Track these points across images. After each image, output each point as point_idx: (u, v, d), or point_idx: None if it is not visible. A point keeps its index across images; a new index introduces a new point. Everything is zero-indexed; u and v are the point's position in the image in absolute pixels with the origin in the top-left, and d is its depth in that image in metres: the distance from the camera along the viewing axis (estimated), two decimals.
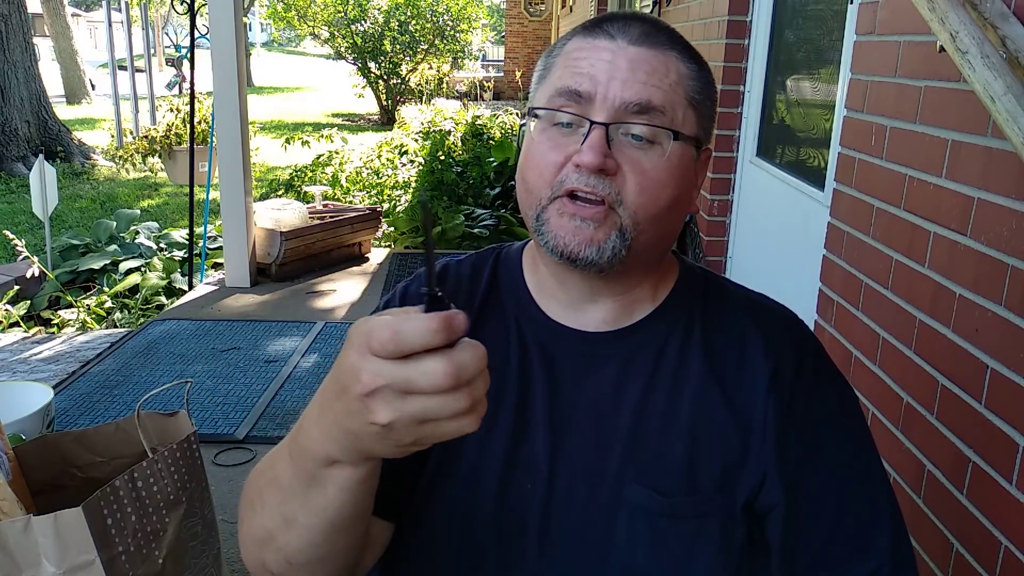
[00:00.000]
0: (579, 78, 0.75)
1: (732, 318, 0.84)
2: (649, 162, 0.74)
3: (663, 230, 0.78)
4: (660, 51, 0.76)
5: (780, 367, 0.80)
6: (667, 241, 0.81)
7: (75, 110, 14.22)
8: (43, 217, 4.67)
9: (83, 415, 2.76)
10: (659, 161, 0.74)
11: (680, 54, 0.78)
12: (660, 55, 0.76)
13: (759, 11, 3.12)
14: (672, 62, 0.76)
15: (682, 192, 0.78)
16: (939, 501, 1.51)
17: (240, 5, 4.07)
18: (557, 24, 11.46)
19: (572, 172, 0.74)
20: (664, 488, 0.76)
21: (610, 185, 0.73)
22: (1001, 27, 1.24)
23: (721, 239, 3.43)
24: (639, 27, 0.76)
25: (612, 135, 0.73)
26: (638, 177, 0.74)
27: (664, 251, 0.83)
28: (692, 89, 0.77)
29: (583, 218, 0.74)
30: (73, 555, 1.33)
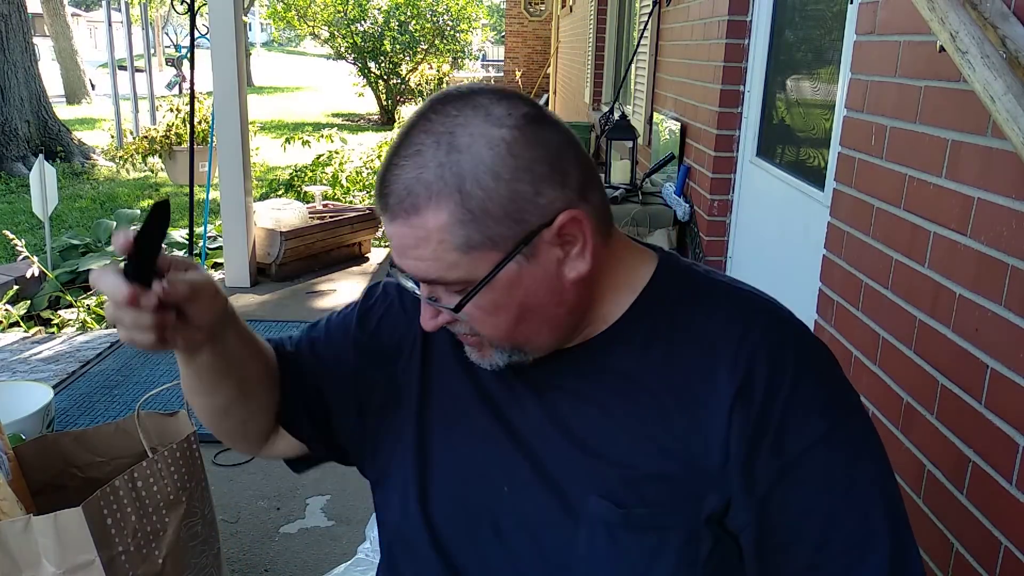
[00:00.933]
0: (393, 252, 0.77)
1: (704, 325, 0.78)
2: (470, 306, 0.74)
3: (537, 329, 0.76)
4: (411, 220, 0.70)
5: (749, 379, 0.74)
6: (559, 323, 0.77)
7: (75, 110, 14.22)
8: (43, 217, 4.67)
9: (83, 415, 2.76)
10: (476, 303, 0.73)
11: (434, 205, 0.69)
12: (411, 225, 0.70)
13: (759, 11, 3.12)
14: (427, 225, 0.69)
15: (525, 302, 0.73)
16: (939, 501, 1.51)
17: (240, 5, 4.07)
18: (557, 24, 11.45)
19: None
20: (622, 500, 0.75)
21: (462, 327, 0.77)
22: (1001, 27, 1.24)
23: (721, 239, 3.43)
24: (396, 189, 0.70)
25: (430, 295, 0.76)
26: (471, 322, 0.75)
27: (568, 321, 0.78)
28: (461, 234, 0.69)
29: (468, 345, 0.81)
30: (73, 555, 1.33)
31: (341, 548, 2.07)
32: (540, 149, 0.71)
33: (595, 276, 0.77)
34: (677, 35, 4.02)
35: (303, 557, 2.05)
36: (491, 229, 0.70)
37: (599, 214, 0.76)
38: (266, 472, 2.43)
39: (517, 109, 0.71)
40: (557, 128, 0.74)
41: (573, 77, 9.46)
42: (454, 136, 0.69)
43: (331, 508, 2.25)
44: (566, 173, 0.72)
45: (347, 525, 2.17)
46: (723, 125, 3.28)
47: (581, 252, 0.74)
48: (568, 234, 0.73)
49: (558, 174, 0.71)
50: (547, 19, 13.36)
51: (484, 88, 0.73)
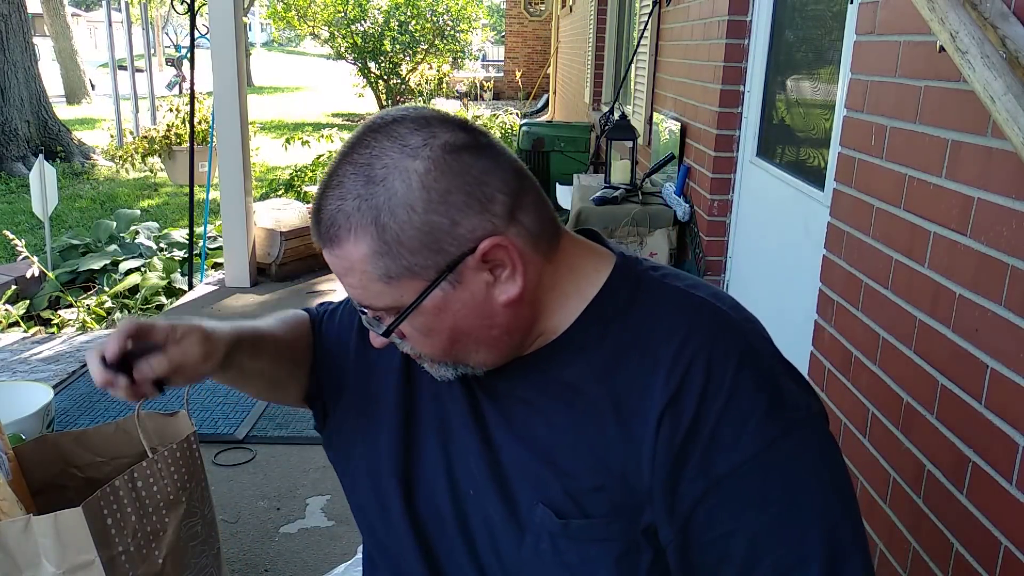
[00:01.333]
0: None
1: (649, 332, 0.76)
2: (408, 328, 0.77)
3: (475, 348, 0.78)
4: (335, 250, 0.73)
5: (682, 390, 0.72)
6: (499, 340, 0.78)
7: (75, 110, 14.22)
8: (43, 217, 4.67)
9: (83, 415, 2.76)
10: (412, 325, 0.76)
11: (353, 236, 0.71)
12: (336, 255, 0.73)
13: (759, 11, 3.12)
14: (349, 256, 0.72)
15: (455, 325, 0.75)
16: (939, 501, 1.51)
17: (240, 5, 4.07)
18: (557, 24, 11.45)
19: None
20: (562, 511, 0.76)
21: (407, 346, 0.80)
22: (1001, 27, 1.24)
23: (721, 239, 3.43)
24: (323, 218, 0.73)
25: (372, 318, 0.78)
26: (410, 342, 0.79)
27: (511, 338, 0.78)
28: (381, 266, 0.71)
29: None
30: (73, 555, 1.33)
31: (341, 548, 2.07)
32: (457, 178, 0.70)
33: (536, 293, 0.77)
34: (677, 35, 4.02)
35: (303, 557, 2.05)
36: (408, 260, 0.71)
37: (535, 234, 0.76)
38: (266, 472, 2.43)
39: (436, 138, 0.71)
40: (483, 153, 0.73)
41: (573, 77, 9.46)
42: (371, 168, 0.70)
43: (331, 508, 2.25)
44: (490, 199, 0.72)
45: (347, 525, 2.17)
46: (723, 125, 3.28)
47: (511, 275, 0.74)
48: (494, 259, 0.73)
49: (478, 202, 0.71)
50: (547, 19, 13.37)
51: (407, 116, 0.73)
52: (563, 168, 5.95)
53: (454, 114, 0.78)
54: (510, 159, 0.76)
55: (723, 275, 3.46)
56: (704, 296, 0.79)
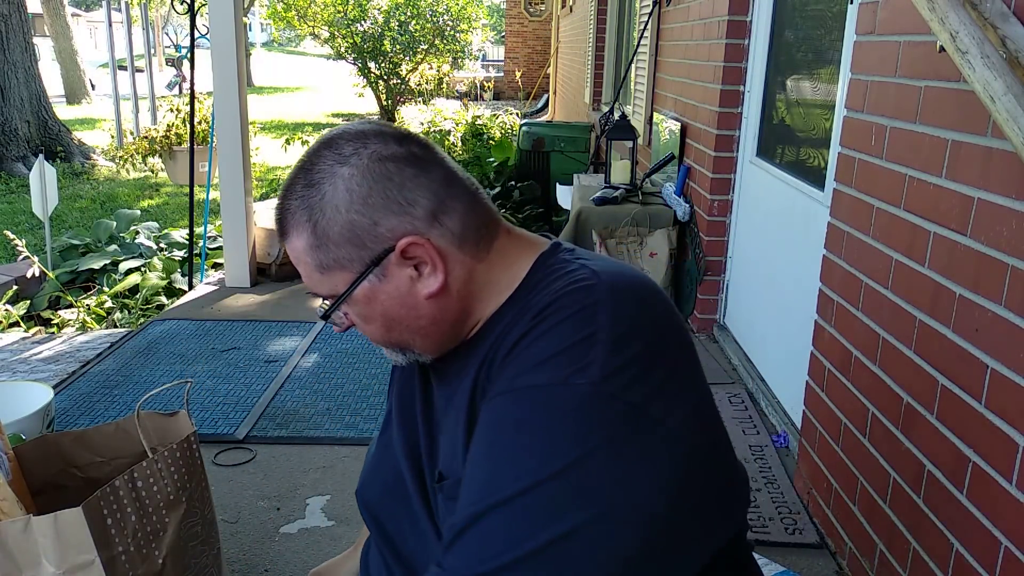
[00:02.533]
0: None
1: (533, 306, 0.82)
2: (352, 315, 0.88)
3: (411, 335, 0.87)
4: (286, 242, 0.86)
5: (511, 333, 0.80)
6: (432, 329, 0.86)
7: (75, 110, 14.22)
8: (43, 217, 4.67)
9: (83, 415, 2.76)
10: (353, 314, 0.88)
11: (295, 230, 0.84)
12: (288, 247, 0.86)
13: (759, 11, 3.12)
14: (294, 247, 0.85)
15: (387, 313, 0.85)
16: (939, 501, 1.51)
17: (240, 5, 4.07)
18: (557, 24, 11.45)
19: None
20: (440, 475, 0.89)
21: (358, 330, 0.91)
22: (1001, 27, 1.24)
23: (721, 239, 3.43)
24: (276, 220, 0.87)
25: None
26: (357, 327, 0.90)
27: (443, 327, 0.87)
28: (316, 257, 0.84)
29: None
30: (73, 555, 1.33)
31: (341, 548, 2.07)
32: (378, 183, 0.81)
33: (467, 288, 0.85)
34: (677, 35, 4.02)
35: (303, 557, 2.05)
36: (336, 253, 0.83)
37: (459, 235, 0.84)
38: (266, 472, 2.43)
39: (366, 148, 0.82)
40: (411, 163, 0.83)
41: (573, 77, 9.46)
42: (311, 173, 0.83)
43: (331, 508, 2.25)
44: (411, 203, 0.82)
45: (347, 525, 2.17)
46: (723, 125, 3.28)
47: (432, 271, 0.83)
48: (415, 256, 0.82)
49: (397, 204, 0.82)
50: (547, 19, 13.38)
51: (348, 130, 0.85)
52: (563, 168, 5.95)
53: (402, 128, 0.88)
54: (445, 170, 0.85)
55: (723, 275, 3.47)
56: (596, 269, 0.82)
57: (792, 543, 2.04)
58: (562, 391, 0.72)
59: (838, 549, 1.98)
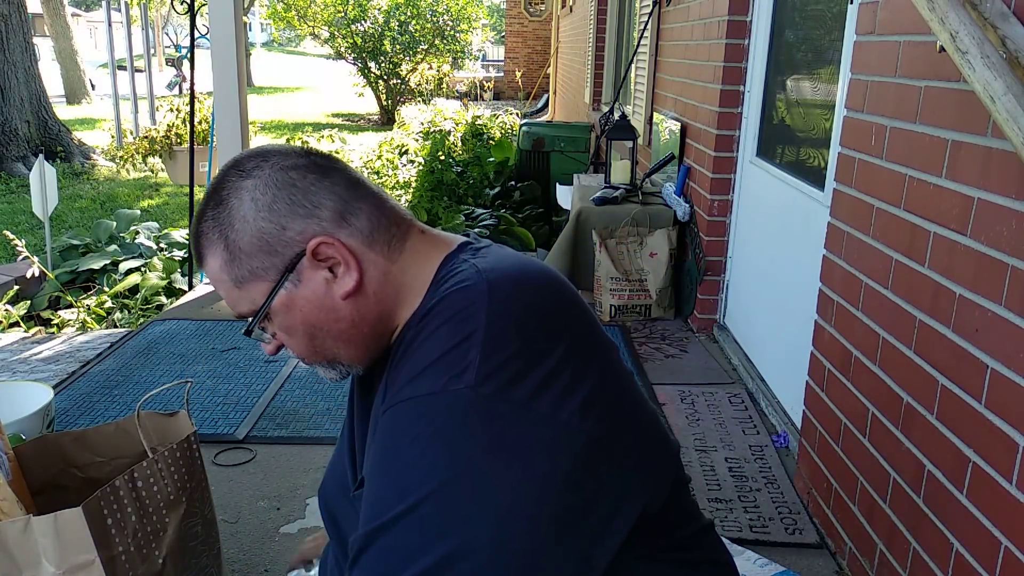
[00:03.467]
0: None
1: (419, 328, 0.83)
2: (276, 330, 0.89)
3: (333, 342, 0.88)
4: (203, 267, 0.88)
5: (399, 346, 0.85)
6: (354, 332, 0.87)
7: (75, 110, 14.22)
8: (43, 217, 4.67)
9: (83, 415, 2.76)
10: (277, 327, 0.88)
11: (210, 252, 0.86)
12: (206, 273, 0.88)
13: (759, 11, 3.12)
14: (210, 270, 0.87)
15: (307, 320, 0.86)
16: (939, 501, 1.51)
17: (240, 5, 4.07)
18: (557, 24, 11.45)
19: None
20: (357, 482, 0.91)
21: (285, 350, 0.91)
22: (1001, 27, 1.24)
23: (721, 239, 3.43)
24: (193, 247, 0.89)
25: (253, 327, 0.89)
26: (284, 344, 0.90)
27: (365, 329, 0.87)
28: (231, 273, 0.85)
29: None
30: (73, 555, 1.33)
31: None
32: (282, 191, 0.83)
33: (382, 288, 0.85)
34: (677, 35, 4.02)
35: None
36: (250, 264, 0.84)
37: (368, 234, 0.85)
38: (266, 472, 2.43)
39: (267, 162, 0.85)
40: (314, 171, 0.85)
41: (573, 77, 9.46)
42: (218, 193, 0.85)
43: None
44: (316, 206, 0.84)
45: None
46: (723, 125, 3.28)
47: (347, 270, 0.84)
48: (327, 257, 0.83)
49: (303, 208, 0.83)
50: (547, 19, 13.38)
51: (253, 151, 0.88)
52: (563, 168, 5.95)
53: (303, 145, 0.93)
54: (347, 175, 0.87)
55: (723, 275, 3.47)
56: (479, 267, 0.82)
57: (792, 543, 2.04)
58: (441, 399, 0.72)
59: (838, 549, 1.98)
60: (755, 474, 2.36)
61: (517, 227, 5.43)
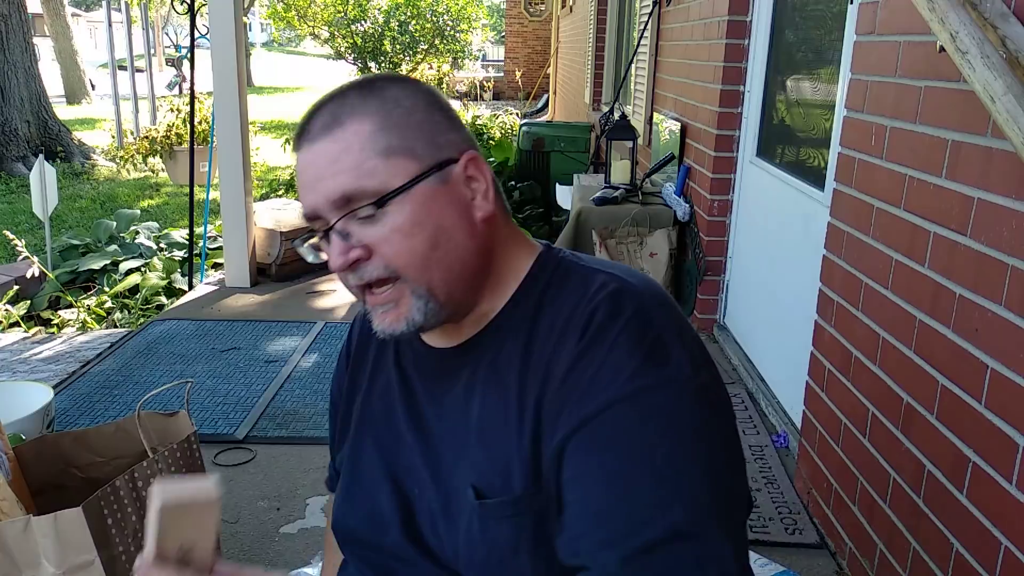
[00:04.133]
0: (302, 196, 0.80)
1: (559, 311, 0.80)
2: (383, 230, 0.76)
3: (449, 265, 0.79)
4: (334, 133, 0.77)
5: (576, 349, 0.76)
6: (468, 266, 0.80)
7: (75, 110, 14.22)
8: (43, 217, 4.67)
9: (83, 415, 2.76)
10: (390, 223, 0.76)
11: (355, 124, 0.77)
12: (334, 138, 0.77)
13: (759, 11, 3.12)
14: (348, 135, 0.77)
15: (441, 224, 0.78)
16: (939, 501, 1.51)
17: (240, 5, 4.07)
18: (557, 24, 11.45)
19: (345, 276, 0.79)
20: (483, 491, 0.79)
21: (375, 266, 0.77)
22: (1001, 27, 1.24)
23: (721, 239, 3.43)
24: (318, 119, 0.78)
25: (345, 229, 0.77)
26: (385, 247, 0.77)
27: (474, 272, 0.81)
28: (383, 140, 0.77)
29: (381, 304, 0.80)
30: (73, 555, 1.33)
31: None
32: (438, 102, 0.82)
33: (494, 242, 0.82)
34: (677, 35, 4.02)
35: (303, 557, 2.05)
36: (410, 139, 0.77)
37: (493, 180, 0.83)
38: (266, 472, 2.43)
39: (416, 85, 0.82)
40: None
41: (573, 77, 9.46)
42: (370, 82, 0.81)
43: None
44: (462, 128, 0.83)
45: None
46: (723, 125, 3.28)
47: (485, 195, 0.81)
48: (473, 176, 0.80)
49: (456, 123, 0.82)
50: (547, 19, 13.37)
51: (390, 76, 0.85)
52: (563, 168, 5.95)
53: None
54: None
55: (723, 275, 3.47)
56: (612, 272, 0.82)
57: (792, 543, 2.04)
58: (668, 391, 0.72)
59: (838, 549, 1.98)
60: (755, 474, 2.36)
61: (517, 227, 5.42)
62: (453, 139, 0.80)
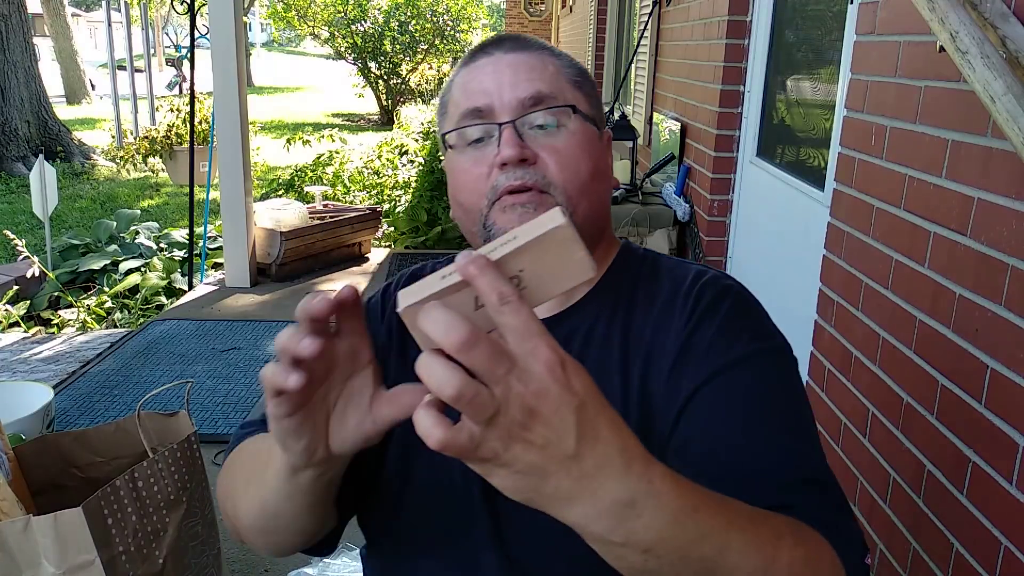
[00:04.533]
0: (474, 96, 0.83)
1: (658, 291, 0.85)
2: (560, 142, 0.82)
3: (593, 202, 0.84)
4: (532, 52, 0.85)
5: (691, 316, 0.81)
6: (601, 217, 0.87)
7: (75, 110, 14.22)
8: (43, 217, 4.67)
9: (83, 415, 2.76)
10: (568, 138, 0.82)
11: (550, 53, 0.87)
12: (533, 55, 0.85)
13: (759, 11, 3.12)
14: (545, 58, 0.85)
15: (598, 164, 0.85)
16: (939, 501, 1.51)
17: (240, 5, 4.07)
18: (557, 24, 11.45)
19: (499, 175, 0.81)
20: None
21: (535, 172, 0.80)
22: (1001, 27, 1.24)
23: (721, 239, 3.43)
24: (509, 42, 0.86)
25: (520, 130, 0.81)
26: (556, 157, 0.81)
27: (599, 229, 0.87)
28: (571, 74, 0.86)
29: (522, 204, 0.80)
30: (73, 555, 1.33)
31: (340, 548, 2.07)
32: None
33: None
34: (677, 35, 4.02)
35: (303, 557, 2.04)
36: (589, 90, 0.87)
37: None
38: None
39: None
40: None
41: None
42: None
43: None
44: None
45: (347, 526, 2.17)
46: (723, 125, 3.28)
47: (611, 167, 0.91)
48: (608, 145, 0.89)
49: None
50: (547, 19, 13.37)
51: None
52: None
53: None
54: None
55: None
56: (697, 264, 0.90)
57: None
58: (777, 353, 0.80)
59: None
60: None
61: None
62: (601, 117, 0.89)
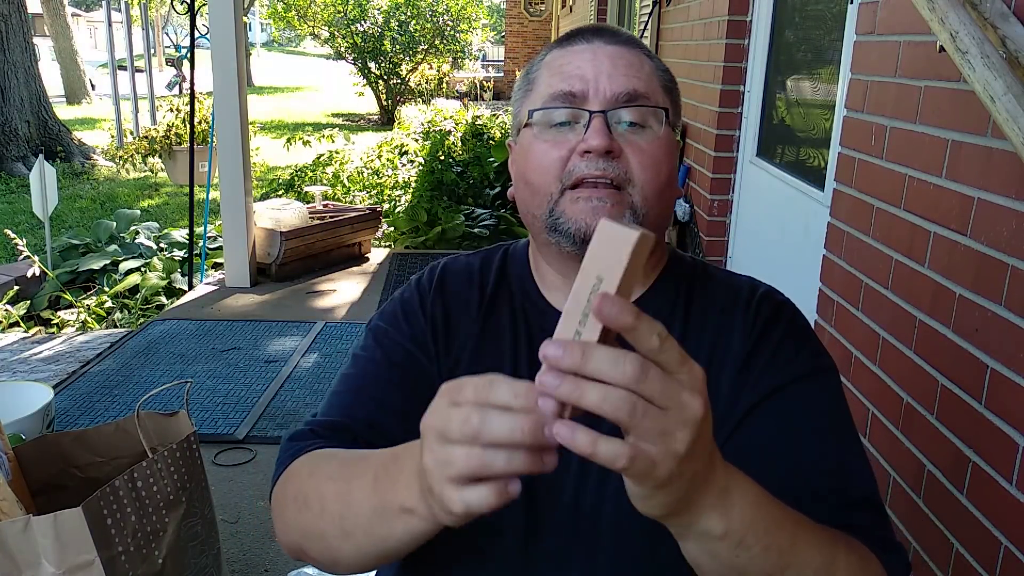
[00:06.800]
0: (569, 80, 0.81)
1: (712, 299, 0.86)
2: (646, 142, 0.80)
3: (664, 207, 0.84)
4: (631, 48, 0.84)
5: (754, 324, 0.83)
6: (666, 221, 0.87)
7: (75, 110, 14.22)
8: (43, 217, 4.67)
9: (83, 415, 2.76)
10: (655, 140, 0.81)
11: (646, 53, 0.87)
12: (632, 52, 0.84)
13: (759, 11, 3.12)
14: (642, 57, 0.85)
15: (672, 172, 0.83)
16: (939, 501, 1.51)
17: (240, 5, 4.07)
18: (557, 24, 11.46)
19: (579, 161, 0.79)
20: None
21: (617, 166, 0.79)
22: (1001, 27, 1.24)
23: (721, 239, 3.43)
24: (608, 33, 0.85)
25: (608, 122, 0.79)
26: (639, 156, 0.79)
27: (662, 234, 0.88)
28: (664, 79, 0.85)
29: (598, 197, 0.78)
30: (73, 555, 1.33)
31: None
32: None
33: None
34: (677, 35, 4.02)
35: None
36: (677, 96, 0.87)
37: None
38: (266, 472, 2.43)
39: None
40: None
41: None
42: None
43: None
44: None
45: None
46: (723, 125, 3.28)
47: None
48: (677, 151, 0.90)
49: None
50: (547, 19, 13.38)
51: None
52: None
53: None
54: None
55: None
56: (749, 276, 0.91)
57: None
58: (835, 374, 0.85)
59: None
60: None
61: (517, 227, 5.43)
62: (679, 123, 0.89)
